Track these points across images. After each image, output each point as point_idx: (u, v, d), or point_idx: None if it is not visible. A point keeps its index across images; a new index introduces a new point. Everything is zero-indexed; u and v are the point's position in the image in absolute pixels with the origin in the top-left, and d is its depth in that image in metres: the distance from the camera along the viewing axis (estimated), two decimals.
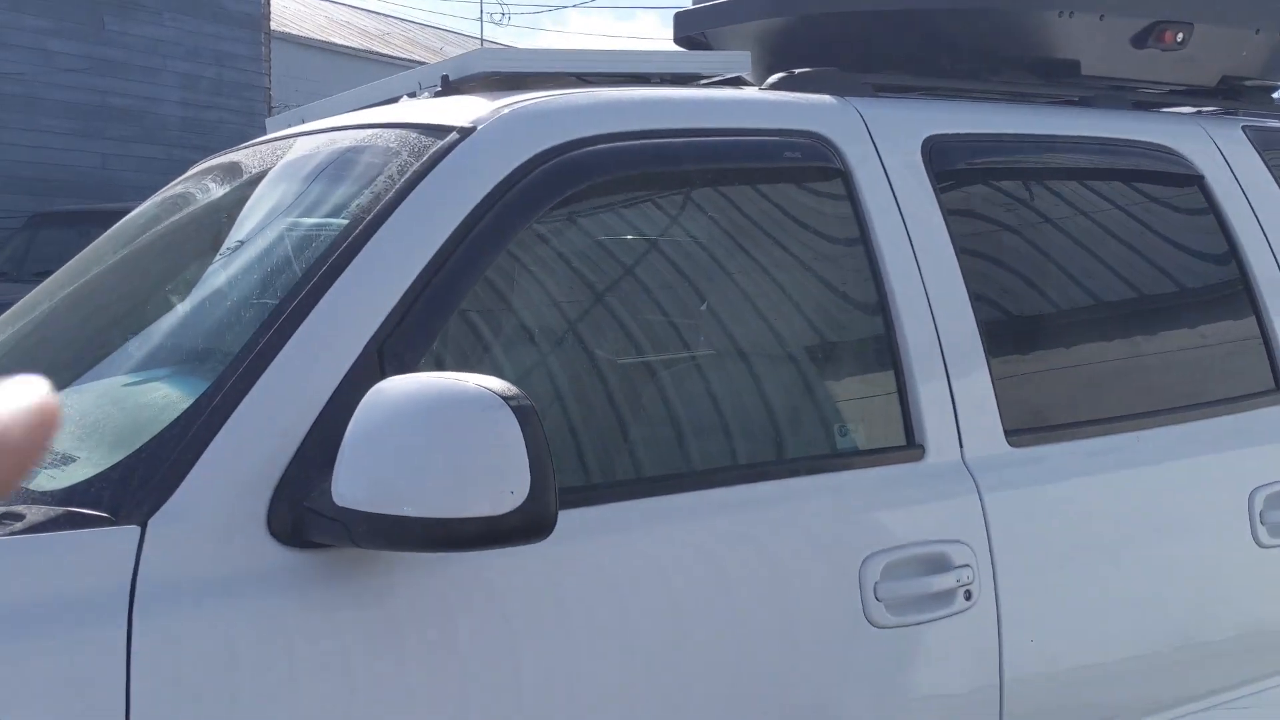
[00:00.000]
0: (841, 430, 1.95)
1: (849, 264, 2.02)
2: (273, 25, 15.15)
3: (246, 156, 2.25)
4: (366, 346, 1.55)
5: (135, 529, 1.39)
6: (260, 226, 1.91)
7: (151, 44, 12.99)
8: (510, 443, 1.33)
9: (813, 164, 2.01)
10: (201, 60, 13.49)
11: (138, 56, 12.89)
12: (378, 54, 23.02)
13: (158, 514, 1.41)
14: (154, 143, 12.80)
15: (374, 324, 1.57)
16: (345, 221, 1.69)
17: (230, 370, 1.52)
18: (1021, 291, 2.22)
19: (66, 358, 1.96)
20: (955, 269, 2.05)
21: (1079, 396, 2.20)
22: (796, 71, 2.19)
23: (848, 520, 1.83)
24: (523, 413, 1.34)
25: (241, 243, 1.90)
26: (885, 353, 1.98)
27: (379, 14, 28.71)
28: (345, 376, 1.53)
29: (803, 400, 1.96)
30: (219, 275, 1.85)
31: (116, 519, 1.40)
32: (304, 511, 1.44)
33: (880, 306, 1.98)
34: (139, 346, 1.81)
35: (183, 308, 1.83)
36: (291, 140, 2.16)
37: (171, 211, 2.25)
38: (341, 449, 1.40)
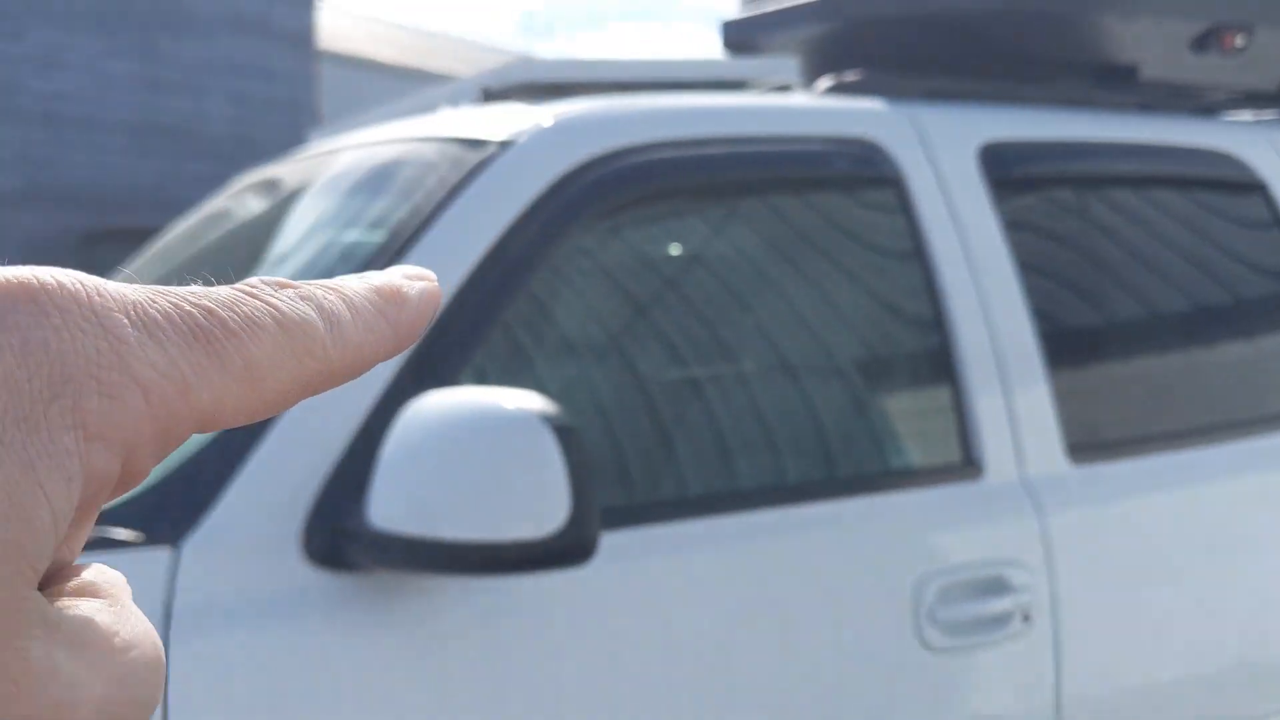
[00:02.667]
0: (896, 448, 1.89)
1: (902, 275, 1.96)
2: (321, 43, 15.30)
3: (285, 172, 2.23)
4: (405, 362, 1.52)
5: (169, 551, 1.36)
6: (298, 242, 1.88)
7: (203, 63, 13.15)
8: (550, 464, 1.28)
9: (864, 172, 1.95)
10: (252, 78, 13.64)
11: (190, 75, 13.06)
12: (423, 69, 23.18)
13: (191, 535, 1.38)
14: (205, 159, 12.95)
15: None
16: (383, 236, 1.65)
17: None
18: (1081, 303, 2.14)
19: None
20: (1013, 280, 1.98)
21: (1142, 412, 2.12)
22: (846, 77, 2.13)
23: (902, 541, 1.77)
24: (563, 432, 1.29)
25: (279, 258, 1.87)
26: (941, 367, 1.91)
27: (424, 30, 28.94)
28: (382, 393, 1.49)
29: (855, 417, 1.90)
30: None
31: (150, 540, 1.37)
32: (339, 533, 1.40)
33: (936, 319, 1.92)
34: None
35: None
36: (330, 155, 2.13)
37: (210, 228, 2.23)
38: (377, 468, 1.36)
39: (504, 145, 1.72)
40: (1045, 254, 2.13)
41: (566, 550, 1.29)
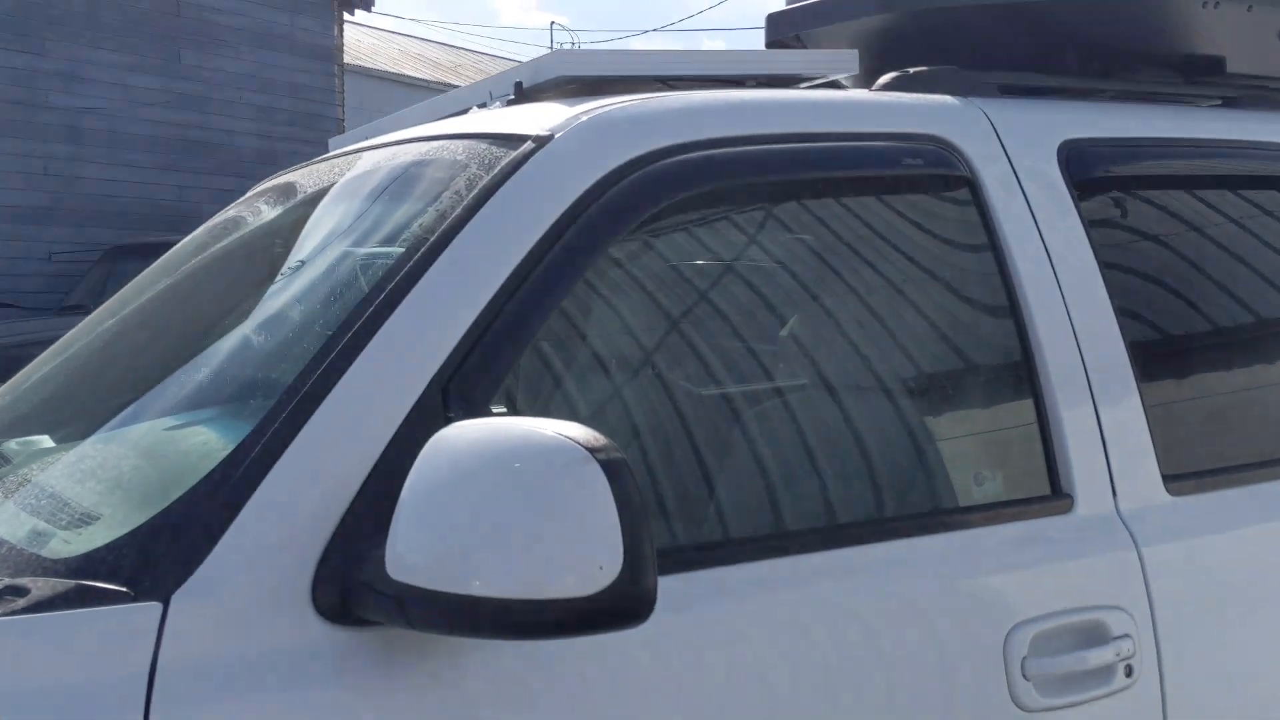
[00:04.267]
0: (977, 478, 1.69)
1: (978, 284, 1.77)
2: (346, 59, 15.23)
3: (304, 176, 2.05)
4: (429, 386, 1.33)
5: (156, 606, 1.18)
6: (314, 251, 1.70)
7: (227, 77, 13.09)
8: (599, 506, 1.09)
9: (935, 171, 1.76)
10: (276, 93, 13.57)
11: (214, 90, 13.00)
12: (449, 85, 23.14)
13: (183, 588, 1.19)
14: (229, 174, 12.86)
15: (438, 359, 1.34)
16: (407, 243, 1.47)
17: (272, 415, 1.30)
18: (1175, 314, 1.94)
19: (104, 397, 1.76)
20: (1100, 290, 1.78)
21: (1245, 434, 1.91)
22: (911, 70, 1.94)
23: (987, 585, 1.57)
24: (613, 468, 1.10)
25: (293, 270, 1.69)
26: (1024, 387, 1.71)
27: (450, 46, 28.93)
28: (404, 421, 1.31)
29: (930, 444, 1.70)
30: (267, 306, 1.64)
31: (135, 594, 1.19)
32: (355, 584, 1.22)
33: (1016, 333, 1.72)
34: (179, 386, 1.60)
35: (228, 343, 1.63)
36: (352, 157, 1.95)
37: (221, 238, 2.05)
38: (397, 511, 1.18)
39: (539, 143, 1.54)
40: (1134, 261, 1.93)
41: (620, 608, 1.10)
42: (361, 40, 22.00)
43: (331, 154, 2.08)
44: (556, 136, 1.55)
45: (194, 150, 12.75)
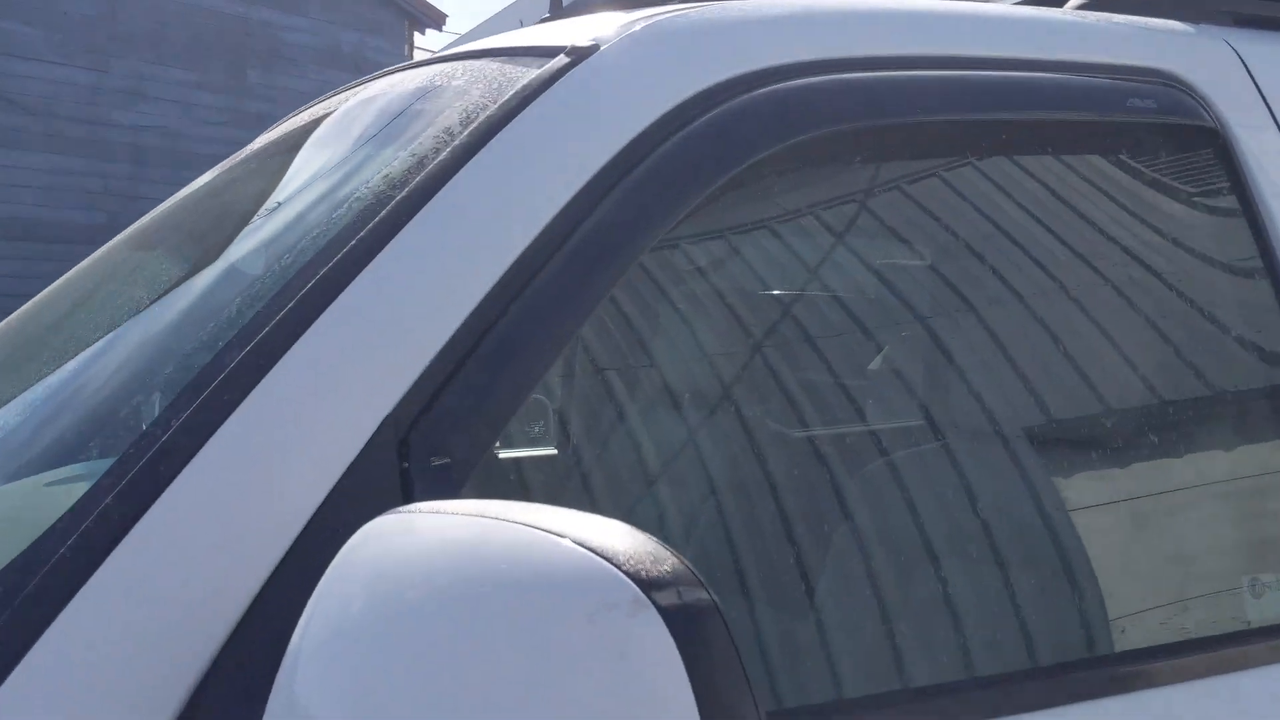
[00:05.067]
0: (1253, 586, 1.11)
1: (1231, 279, 1.21)
2: None
3: (280, 132, 1.55)
4: (378, 433, 0.79)
5: None
6: (244, 228, 1.18)
7: (293, 96, 12.86)
8: (666, 696, 0.54)
9: (1170, 119, 1.20)
10: None
11: (280, 109, 12.77)
12: None
13: None
14: None
15: (395, 389, 0.81)
16: (361, 206, 0.93)
17: (107, 484, 0.77)
18: None
19: None
20: None
21: None
22: None
23: None
24: (693, 623, 0.54)
25: (216, 254, 1.17)
26: None
27: None
28: (333, 493, 0.77)
29: (1175, 530, 1.13)
30: (169, 309, 1.11)
31: None
32: None
33: None
34: (40, 428, 1.08)
35: (111, 363, 1.10)
36: (328, 104, 1.44)
37: (214, 188, 1.56)
38: (281, 669, 0.64)
39: (576, 57, 1.00)
40: None
41: None
42: None
43: (309, 105, 1.56)
44: (602, 48, 1.00)
45: None
